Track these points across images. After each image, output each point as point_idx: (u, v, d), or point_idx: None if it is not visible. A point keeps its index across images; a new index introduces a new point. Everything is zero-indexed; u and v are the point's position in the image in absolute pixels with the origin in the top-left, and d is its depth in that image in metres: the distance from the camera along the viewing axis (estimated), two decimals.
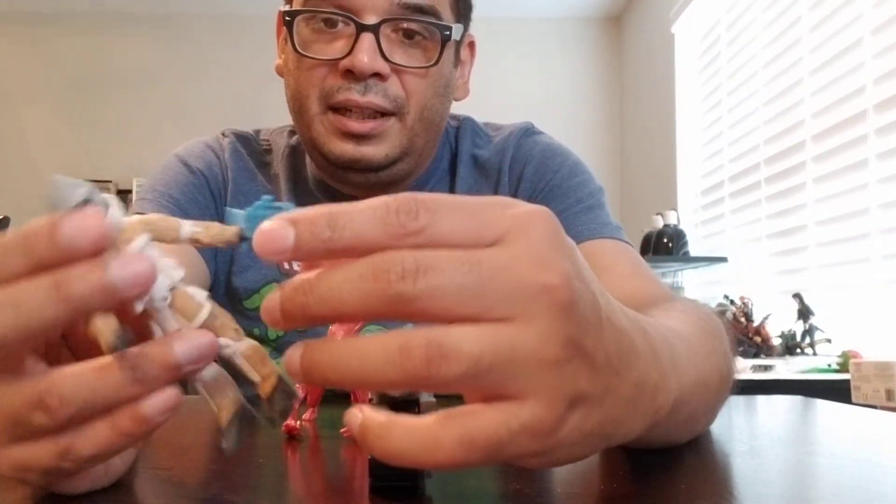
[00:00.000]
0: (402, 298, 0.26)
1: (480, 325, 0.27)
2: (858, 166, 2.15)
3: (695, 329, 0.49)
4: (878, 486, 0.41)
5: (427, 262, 0.27)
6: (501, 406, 0.28)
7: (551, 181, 0.89)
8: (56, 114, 4.39)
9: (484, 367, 0.27)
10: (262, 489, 0.39)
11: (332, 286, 0.27)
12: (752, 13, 2.86)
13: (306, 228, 0.27)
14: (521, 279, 0.28)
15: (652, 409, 0.35)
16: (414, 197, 0.28)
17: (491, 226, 0.29)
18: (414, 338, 0.27)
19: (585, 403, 0.30)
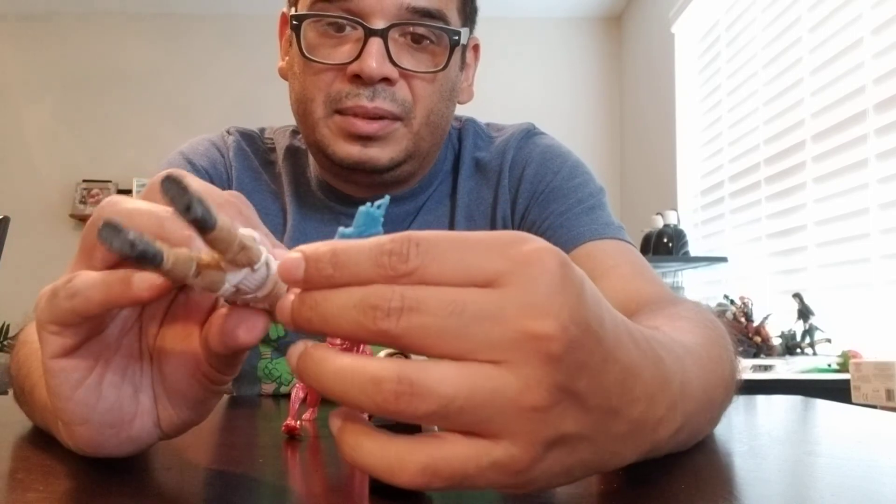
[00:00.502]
0: (388, 334, 0.28)
1: (462, 364, 0.28)
2: (858, 166, 2.16)
3: (702, 339, 0.49)
4: (878, 486, 0.41)
5: (412, 302, 0.28)
6: (473, 442, 0.28)
7: (551, 182, 0.89)
8: (56, 113, 4.39)
9: (455, 408, 0.27)
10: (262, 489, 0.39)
11: (331, 309, 0.29)
12: (751, 13, 2.86)
13: (312, 265, 0.30)
14: (507, 326, 0.28)
15: (651, 441, 0.35)
16: (409, 238, 0.29)
17: (485, 268, 0.29)
18: (387, 371, 0.28)
19: (568, 443, 0.30)
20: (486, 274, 0.29)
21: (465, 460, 0.28)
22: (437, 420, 0.28)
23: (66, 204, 4.30)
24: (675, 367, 0.38)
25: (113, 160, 4.33)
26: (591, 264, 0.80)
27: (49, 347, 0.35)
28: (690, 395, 0.40)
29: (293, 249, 0.31)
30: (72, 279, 0.34)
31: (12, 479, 0.39)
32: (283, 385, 0.90)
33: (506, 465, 0.28)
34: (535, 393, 0.28)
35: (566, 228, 0.85)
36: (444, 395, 0.27)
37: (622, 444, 0.33)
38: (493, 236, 0.30)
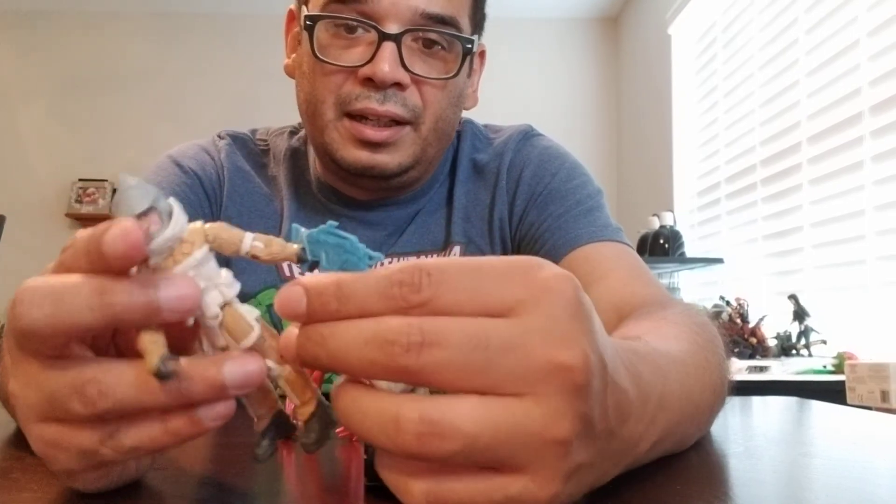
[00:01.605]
0: (407, 371, 0.27)
1: (485, 398, 0.27)
2: (854, 168, 2.16)
3: (688, 346, 0.49)
4: (873, 487, 0.41)
5: (433, 336, 0.26)
6: (486, 476, 0.28)
7: (549, 184, 0.89)
8: (52, 113, 4.38)
9: (480, 446, 0.27)
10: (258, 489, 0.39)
11: (340, 346, 0.28)
12: (748, 15, 2.86)
13: (316, 299, 0.28)
14: (533, 358, 0.27)
15: (633, 455, 0.36)
16: (419, 267, 0.28)
17: (503, 297, 0.28)
18: (408, 410, 0.27)
19: (581, 472, 0.30)
20: (504, 303, 0.28)
21: (473, 492, 0.28)
22: (461, 459, 0.27)
23: (62, 203, 4.29)
24: (654, 380, 0.38)
25: (109, 159, 4.32)
26: (588, 267, 0.80)
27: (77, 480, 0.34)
28: (671, 407, 0.40)
29: (292, 282, 0.29)
30: (115, 435, 0.30)
31: (7, 479, 0.39)
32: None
33: (522, 500, 0.28)
34: (561, 425, 0.27)
35: (564, 230, 0.84)
36: (468, 433, 0.26)
37: (612, 463, 0.34)
38: (506, 263, 0.29)
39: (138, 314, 0.28)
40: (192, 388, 0.29)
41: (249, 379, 0.29)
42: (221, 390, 0.29)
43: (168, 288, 0.28)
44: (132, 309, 0.28)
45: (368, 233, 0.90)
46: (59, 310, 0.28)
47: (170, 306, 0.28)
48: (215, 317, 0.30)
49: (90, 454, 0.31)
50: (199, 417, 0.30)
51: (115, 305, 0.28)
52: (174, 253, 0.30)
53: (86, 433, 0.30)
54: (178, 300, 0.28)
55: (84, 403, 0.29)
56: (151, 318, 0.28)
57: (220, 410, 0.30)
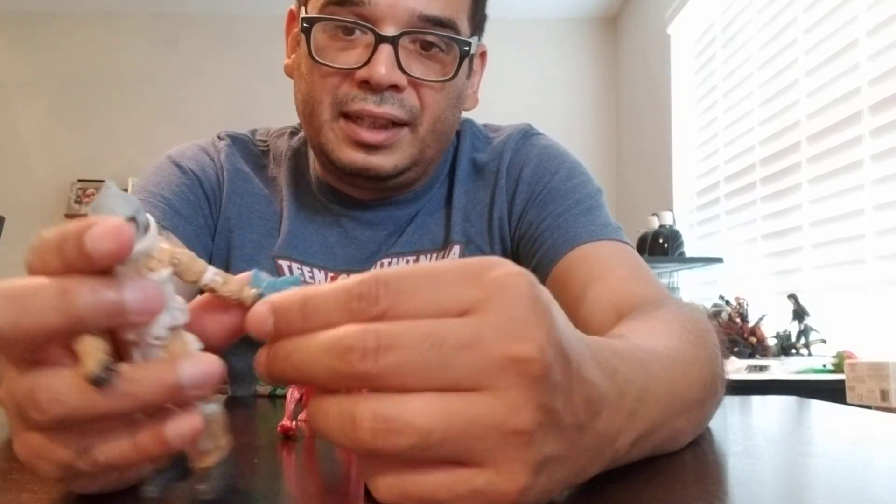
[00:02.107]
0: (368, 376, 0.27)
1: (443, 395, 0.28)
2: (853, 167, 2.16)
3: (676, 342, 0.49)
4: (873, 486, 0.41)
5: (388, 340, 0.27)
6: (451, 469, 0.28)
7: (549, 184, 0.89)
8: (51, 113, 4.38)
9: (435, 440, 0.27)
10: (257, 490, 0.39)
11: (304, 359, 0.29)
12: (747, 14, 2.87)
13: (282, 317, 0.30)
14: (489, 353, 0.28)
15: (611, 451, 0.36)
16: (375, 278, 0.29)
17: (458, 298, 0.29)
18: (363, 409, 0.27)
19: (550, 466, 0.30)
20: (460, 304, 0.28)
21: (437, 485, 0.28)
22: (417, 453, 0.27)
23: (62, 204, 4.29)
24: (632, 374, 0.38)
25: (108, 160, 4.32)
26: (587, 266, 0.80)
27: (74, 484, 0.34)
28: (653, 401, 0.40)
29: (259, 303, 0.30)
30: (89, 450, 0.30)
31: (6, 479, 0.39)
32: (279, 387, 0.90)
33: (488, 494, 0.28)
34: (521, 415, 0.28)
35: (564, 230, 0.84)
36: (422, 427, 0.27)
37: (588, 458, 0.34)
38: (461, 265, 0.30)
39: (102, 315, 0.28)
40: (145, 389, 0.29)
41: (207, 378, 0.29)
42: (176, 389, 0.29)
43: (134, 290, 0.28)
44: (97, 310, 0.28)
45: (368, 233, 0.90)
46: (23, 313, 0.28)
47: (136, 308, 0.28)
48: (162, 339, 0.30)
49: (68, 467, 0.31)
50: (166, 436, 0.30)
51: (80, 307, 0.27)
52: (139, 267, 0.29)
53: (61, 445, 0.30)
54: (144, 302, 0.28)
55: (38, 410, 0.29)
56: (115, 319, 0.28)
57: (184, 427, 0.30)
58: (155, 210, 0.83)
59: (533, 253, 0.86)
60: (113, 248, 0.27)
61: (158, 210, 0.83)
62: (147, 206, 0.83)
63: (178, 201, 0.85)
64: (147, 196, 0.84)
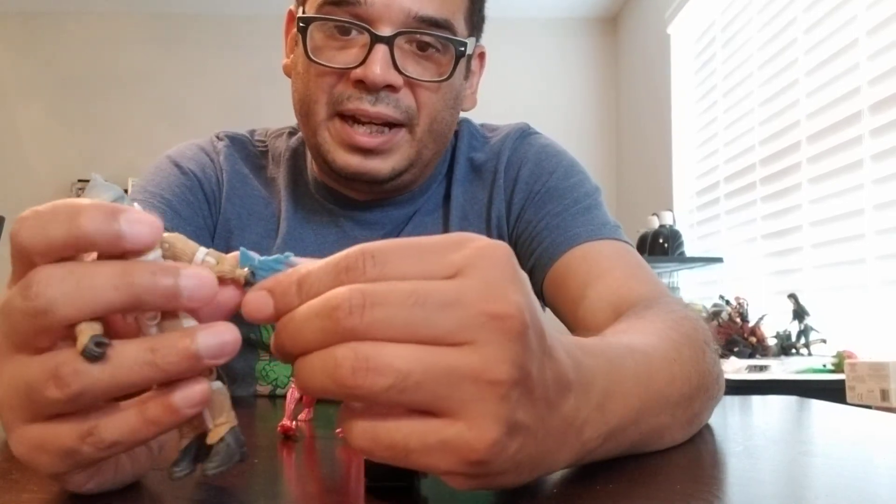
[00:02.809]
0: (353, 332, 0.28)
1: (423, 346, 0.29)
2: (853, 167, 2.16)
3: (655, 339, 0.50)
4: (873, 486, 0.41)
5: (374, 296, 0.29)
6: (423, 419, 0.29)
7: (547, 183, 0.89)
8: (51, 113, 4.38)
9: (412, 383, 0.28)
10: (257, 490, 0.39)
11: (297, 326, 0.30)
12: (747, 14, 2.87)
13: (280, 298, 0.31)
14: (471, 309, 0.29)
15: (578, 443, 0.36)
16: (362, 251, 0.30)
17: (442, 265, 0.30)
18: (346, 349, 0.28)
19: (520, 433, 0.30)
20: (443, 269, 0.30)
21: (408, 433, 0.29)
22: (394, 395, 0.28)
23: None
24: (598, 370, 0.38)
25: (108, 160, 4.32)
26: (586, 266, 0.80)
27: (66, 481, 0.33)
28: (624, 396, 0.40)
29: (254, 288, 0.31)
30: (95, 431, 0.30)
31: (7, 479, 0.39)
32: (279, 387, 0.90)
33: (457, 447, 0.29)
34: (498, 367, 0.29)
35: (562, 229, 0.84)
36: (400, 369, 0.28)
37: (555, 442, 0.34)
38: (443, 237, 0.31)
39: (159, 297, 0.29)
40: (166, 358, 0.29)
41: (223, 347, 0.30)
42: (195, 358, 0.29)
43: (190, 277, 0.30)
44: (155, 291, 0.29)
45: (365, 233, 0.90)
46: (82, 287, 0.29)
47: (189, 294, 0.30)
48: (153, 318, 0.31)
49: (72, 453, 0.31)
50: (176, 403, 0.30)
51: (138, 286, 0.29)
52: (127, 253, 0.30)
53: (65, 431, 0.30)
54: (199, 288, 0.30)
55: (59, 386, 0.29)
56: (170, 301, 0.29)
57: (194, 394, 0.30)
58: (154, 211, 0.83)
59: (531, 252, 0.86)
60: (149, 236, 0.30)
61: (158, 211, 0.83)
62: (147, 207, 0.83)
63: (177, 202, 0.85)
64: (147, 196, 0.84)
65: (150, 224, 0.30)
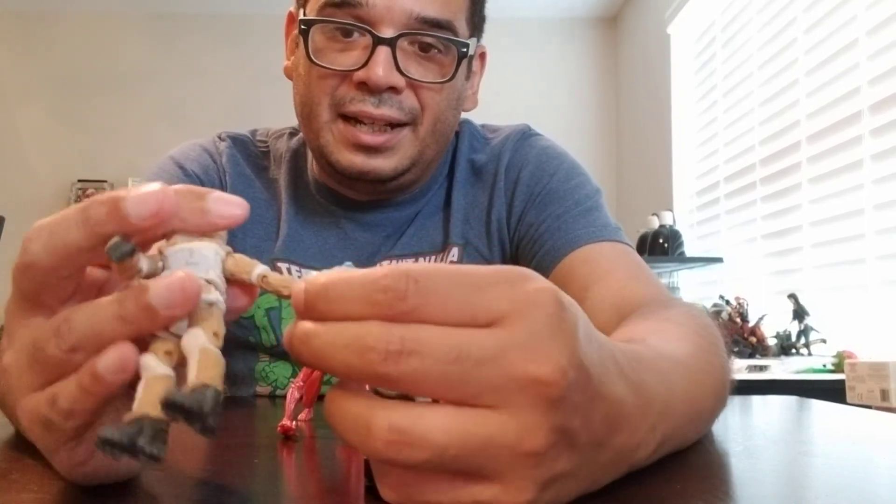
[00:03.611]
0: (386, 379, 0.27)
1: (460, 409, 0.28)
2: (853, 167, 2.16)
3: (692, 349, 0.49)
4: (873, 486, 0.41)
5: (412, 345, 0.27)
6: (457, 482, 0.29)
7: (548, 185, 0.88)
8: (51, 113, 4.38)
9: (449, 457, 0.27)
10: (257, 490, 0.39)
11: (322, 347, 0.28)
12: (747, 14, 2.87)
13: (309, 297, 0.29)
14: (510, 370, 0.27)
15: (629, 464, 0.36)
16: (406, 273, 0.28)
17: (488, 308, 0.28)
18: (380, 418, 0.27)
19: (560, 481, 0.30)
20: (489, 314, 0.28)
21: (441, 493, 0.29)
22: (431, 467, 0.28)
23: (61, 204, 4.28)
24: (658, 388, 0.38)
25: (108, 160, 4.32)
26: (587, 268, 0.80)
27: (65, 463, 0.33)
28: (673, 413, 0.40)
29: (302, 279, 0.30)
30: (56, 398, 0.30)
31: (7, 479, 0.39)
32: (278, 388, 0.89)
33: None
34: (534, 437, 0.28)
35: (563, 231, 0.84)
36: (439, 444, 0.27)
37: (604, 472, 0.34)
38: (493, 273, 0.29)
39: (113, 225, 0.29)
40: (128, 310, 0.29)
41: (173, 297, 0.28)
42: (149, 310, 0.28)
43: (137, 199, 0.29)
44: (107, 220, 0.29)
45: (367, 235, 0.90)
46: (53, 236, 0.30)
47: (137, 212, 0.29)
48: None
49: (47, 423, 0.31)
50: (96, 369, 0.29)
51: (91, 215, 0.30)
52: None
53: (40, 400, 0.31)
54: (145, 207, 0.29)
55: (58, 341, 0.30)
56: (124, 226, 0.29)
57: (112, 359, 0.29)
58: None
59: (533, 255, 0.86)
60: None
61: None
62: None
63: None
64: None
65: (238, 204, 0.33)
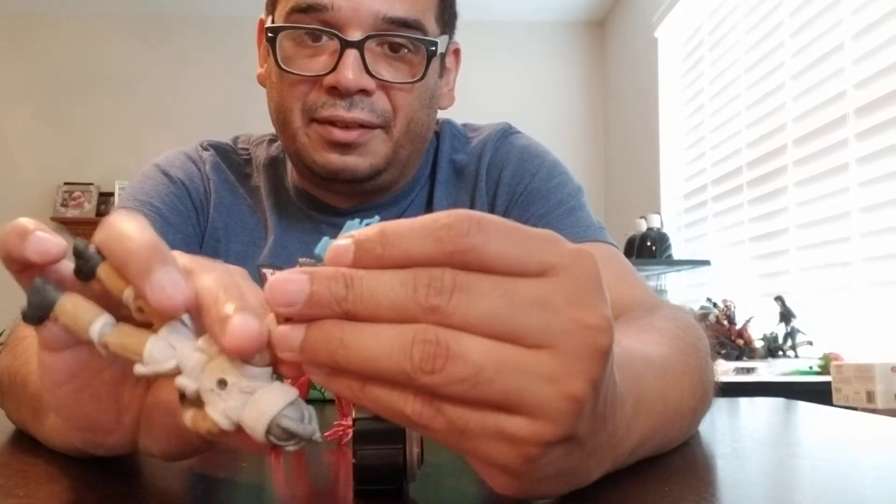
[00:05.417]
0: (437, 311, 0.27)
1: (502, 343, 0.27)
2: (839, 170, 2.17)
3: (667, 350, 0.49)
4: (859, 486, 0.41)
5: (465, 283, 0.27)
6: (490, 410, 0.28)
7: (530, 184, 0.88)
8: (38, 116, 4.35)
9: (484, 377, 0.27)
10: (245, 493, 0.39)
11: (373, 285, 0.28)
12: (734, 18, 2.88)
13: (361, 245, 0.29)
14: (558, 313, 0.28)
15: (612, 457, 0.36)
16: (468, 214, 0.28)
17: (539, 258, 0.29)
18: (427, 332, 0.27)
19: (573, 442, 0.30)
20: (541, 263, 0.29)
21: (468, 415, 0.28)
22: (467, 387, 0.27)
23: (47, 207, 4.26)
24: (629, 385, 0.38)
25: (95, 162, 4.30)
26: None
27: (39, 335, 0.34)
28: (647, 413, 0.40)
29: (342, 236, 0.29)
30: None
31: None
32: None
33: (515, 439, 0.28)
34: (575, 380, 0.28)
35: None
36: (476, 362, 0.27)
37: (598, 456, 0.34)
38: (539, 230, 0.30)
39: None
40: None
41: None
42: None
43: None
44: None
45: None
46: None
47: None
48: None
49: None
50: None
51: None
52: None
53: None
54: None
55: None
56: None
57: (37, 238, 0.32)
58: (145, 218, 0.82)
59: None
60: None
61: (148, 219, 0.82)
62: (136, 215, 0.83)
63: (167, 210, 0.85)
64: (136, 204, 0.84)
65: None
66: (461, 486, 0.41)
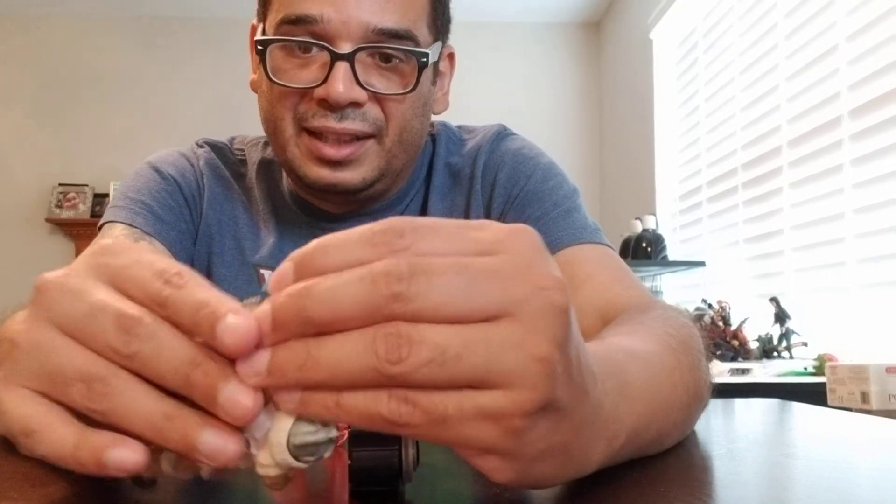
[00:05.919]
0: (400, 297, 0.28)
1: (462, 325, 0.28)
2: (834, 171, 2.18)
3: (655, 346, 0.49)
4: (853, 487, 0.41)
5: (421, 266, 0.28)
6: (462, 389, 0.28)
7: (525, 187, 0.88)
8: (32, 116, 4.35)
9: (451, 355, 0.27)
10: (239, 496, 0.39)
11: (330, 288, 0.28)
12: (729, 20, 2.89)
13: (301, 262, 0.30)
14: (514, 281, 0.29)
15: (607, 435, 0.36)
16: (400, 219, 0.30)
17: (478, 239, 0.30)
18: (388, 327, 0.28)
19: (556, 411, 0.30)
20: (479, 244, 0.30)
21: (445, 400, 0.28)
22: (435, 368, 0.27)
23: (42, 208, 4.25)
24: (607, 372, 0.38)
25: (89, 163, 4.29)
26: (570, 271, 0.80)
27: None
28: (636, 397, 0.41)
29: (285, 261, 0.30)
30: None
31: None
32: None
33: (494, 413, 0.28)
34: (540, 341, 0.28)
35: (544, 234, 0.83)
36: (439, 343, 0.27)
37: (588, 431, 0.34)
38: (466, 221, 0.31)
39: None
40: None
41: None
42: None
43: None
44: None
45: None
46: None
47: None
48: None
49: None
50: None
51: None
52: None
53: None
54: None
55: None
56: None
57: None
58: (137, 217, 0.82)
59: None
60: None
61: (140, 217, 0.82)
62: (129, 213, 0.82)
63: (159, 207, 0.85)
64: (128, 203, 0.84)
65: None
66: (457, 486, 0.40)
